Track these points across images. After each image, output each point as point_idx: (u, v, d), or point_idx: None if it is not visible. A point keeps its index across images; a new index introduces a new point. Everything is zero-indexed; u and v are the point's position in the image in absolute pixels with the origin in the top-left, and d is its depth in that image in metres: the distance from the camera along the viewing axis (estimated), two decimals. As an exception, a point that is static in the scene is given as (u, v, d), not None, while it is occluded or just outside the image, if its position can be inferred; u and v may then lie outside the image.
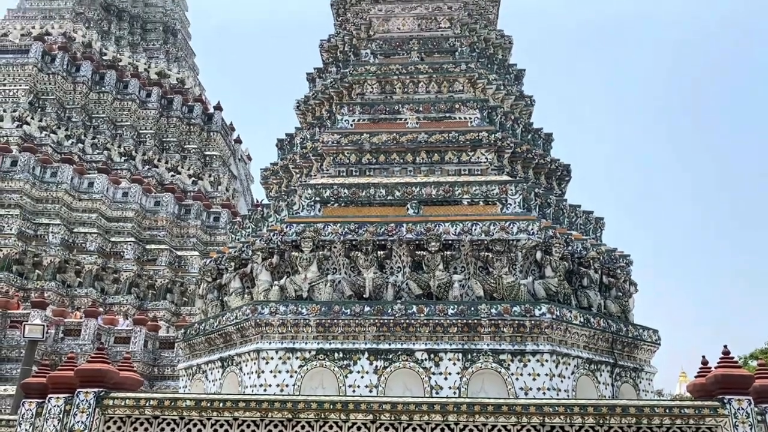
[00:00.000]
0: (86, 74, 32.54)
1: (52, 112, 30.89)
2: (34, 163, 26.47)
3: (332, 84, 14.95)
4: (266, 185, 15.14)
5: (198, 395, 7.83)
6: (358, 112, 13.46)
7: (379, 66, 14.14)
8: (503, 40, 16.17)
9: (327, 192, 11.71)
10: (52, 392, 7.82)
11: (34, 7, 36.41)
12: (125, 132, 32.68)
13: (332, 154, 12.83)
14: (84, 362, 8.56)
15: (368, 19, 15.66)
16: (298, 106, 15.87)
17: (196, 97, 36.89)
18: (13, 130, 28.48)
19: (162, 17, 39.95)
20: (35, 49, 31.39)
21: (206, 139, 35.52)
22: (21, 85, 30.70)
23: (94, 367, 7.74)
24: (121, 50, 36.65)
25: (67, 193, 26.49)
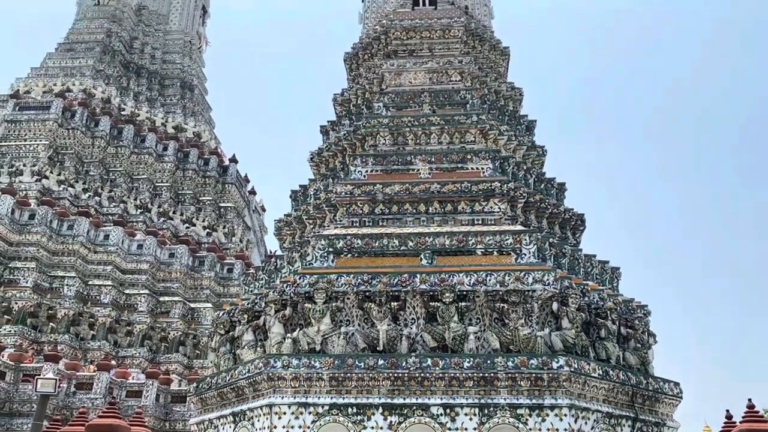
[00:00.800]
0: (105, 129, 33.26)
1: (70, 166, 31.45)
2: (52, 216, 26.81)
3: (346, 136, 15.15)
4: (280, 236, 15.19)
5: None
6: (371, 163, 13.57)
7: (392, 118, 14.33)
8: (514, 92, 16.38)
9: (340, 243, 11.70)
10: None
11: (56, 66, 37.56)
12: (141, 185, 33.13)
13: (345, 205, 12.88)
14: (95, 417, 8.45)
15: (380, 74, 15.97)
16: (312, 157, 16.05)
17: (211, 150, 37.48)
18: (32, 184, 28.97)
19: (179, 73, 41.02)
20: (56, 105, 32.22)
21: (221, 191, 35.91)
22: (41, 140, 31.40)
23: (105, 422, 7.65)
24: (140, 105, 37.53)
25: (83, 245, 26.72)
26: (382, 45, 16.95)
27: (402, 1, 17.85)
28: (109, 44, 38.84)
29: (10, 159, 30.72)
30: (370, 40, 17.39)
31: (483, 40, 17.27)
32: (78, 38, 39.34)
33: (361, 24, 18.94)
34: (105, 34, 39.05)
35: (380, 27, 17.34)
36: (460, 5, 17.79)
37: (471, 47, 16.76)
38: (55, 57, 38.43)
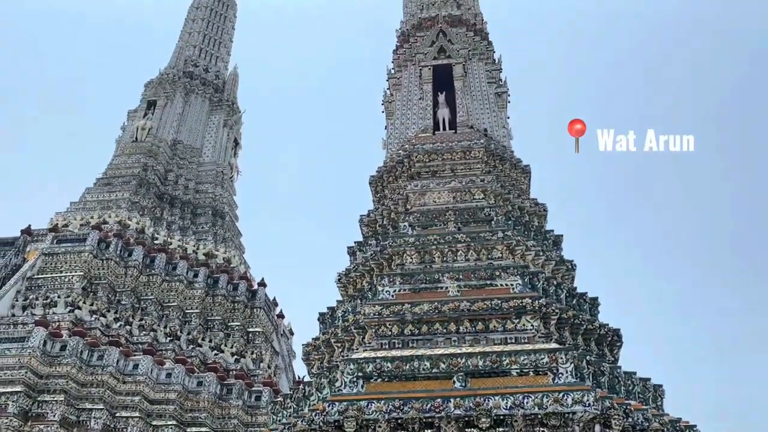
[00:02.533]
0: (138, 258, 34.00)
1: (103, 296, 31.90)
2: (83, 346, 26.85)
3: (372, 256, 15.26)
4: (308, 361, 14.93)
5: None
6: (398, 283, 13.54)
7: (418, 237, 14.47)
8: (537, 207, 16.54)
9: (370, 367, 11.43)
10: None
11: (94, 199, 39.19)
12: (171, 312, 33.29)
13: (374, 327, 12.72)
14: None
15: (405, 195, 16.33)
16: (339, 279, 16.10)
17: (241, 275, 37.87)
18: (65, 315, 29.30)
19: (211, 202, 42.43)
20: (92, 237, 33.24)
21: (249, 316, 35.83)
22: (77, 271, 32.11)
23: None
24: (172, 234, 38.55)
25: (112, 376, 26.48)
26: (406, 167, 17.47)
27: (423, 126, 18.57)
28: (144, 177, 40.66)
29: (45, 291, 31.34)
30: (394, 163, 17.95)
31: (503, 160, 17.72)
32: (115, 173, 41.31)
33: (384, 149, 19.66)
34: (141, 168, 40.98)
35: (403, 151, 17.95)
36: (479, 128, 18.44)
37: (492, 166, 17.18)
38: (93, 191, 40.21)
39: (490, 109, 19.40)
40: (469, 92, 19.31)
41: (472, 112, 18.86)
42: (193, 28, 49.19)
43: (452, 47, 19.98)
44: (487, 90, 19.96)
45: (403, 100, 19.87)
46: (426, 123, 18.45)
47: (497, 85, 20.68)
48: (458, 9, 22.77)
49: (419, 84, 19.49)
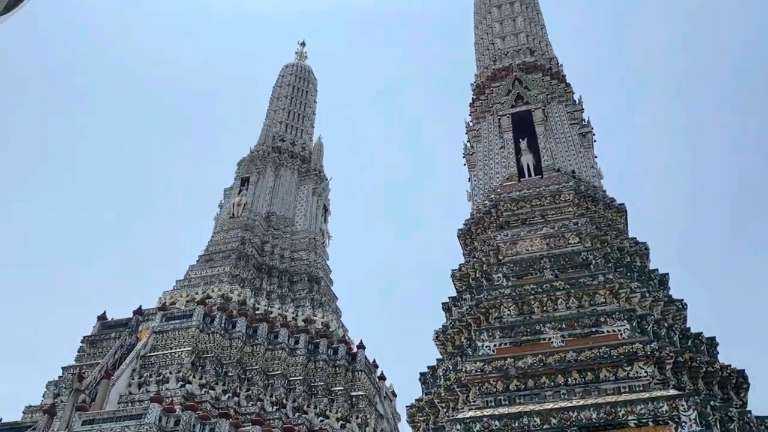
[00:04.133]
0: (241, 329, 35.04)
1: (211, 369, 32.91)
2: (195, 420, 27.62)
3: (468, 311, 14.99)
4: (413, 423, 14.65)
5: None
6: (498, 337, 13.18)
7: (514, 288, 14.11)
8: (638, 247, 15.82)
9: (477, 426, 11.07)
10: None
11: (197, 276, 41.08)
12: (276, 381, 33.81)
13: (477, 384, 12.36)
14: None
15: (495, 245, 16.07)
16: (437, 336, 15.88)
17: (340, 339, 38.14)
18: (177, 390, 30.40)
19: (306, 269, 43.44)
20: (197, 312, 34.67)
21: (351, 380, 35.81)
22: (185, 346, 33.43)
23: None
24: (272, 303, 39.60)
25: (224, 447, 26.97)
26: (494, 217, 17.26)
27: (508, 175, 18.40)
28: (243, 250, 42.35)
29: (158, 368, 32.74)
30: (481, 214, 17.79)
31: (596, 200, 17.18)
32: (216, 249, 43.30)
33: (470, 201, 19.57)
34: (239, 242, 42.77)
35: (489, 201, 17.79)
36: (566, 171, 18.06)
37: (584, 208, 16.68)
38: (196, 268, 42.22)
39: (575, 150, 19.00)
40: (551, 136, 19.04)
41: (557, 155, 18.53)
42: (278, 106, 51.82)
43: (529, 93, 19.91)
44: (570, 131, 19.62)
45: (484, 150, 19.84)
46: (510, 171, 18.29)
47: (580, 125, 20.30)
48: (532, 56, 22.77)
49: (499, 133, 19.44)
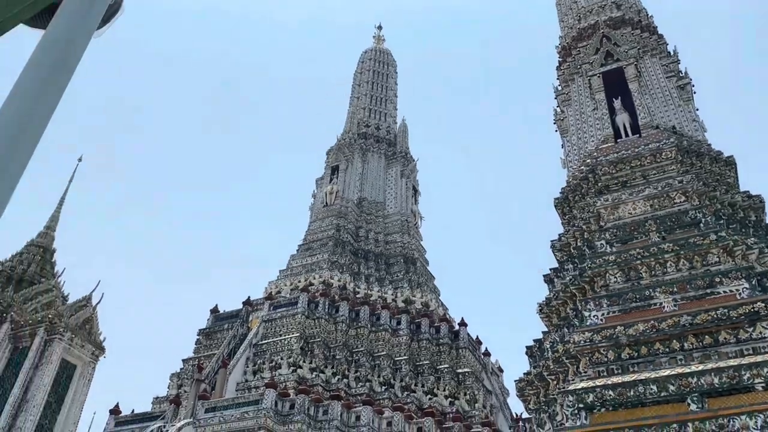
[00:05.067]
0: (344, 313, 35.96)
1: (319, 353, 34.01)
2: (308, 403, 28.70)
3: (572, 281, 14.61)
4: (523, 397, 14.51)
5: None
6: (605, 305, 12.78)
7: (618, 254, 13.61)
8: (752, 200, 14.81)
9: (590, 397, 10.81)
10: None
11: (299, 264, 42.46)
12: (382, 361, 34.48)
13: (587, 354, 12.06)
14: None
15: (595, 211, 15.53)
16: (540, 309, 15.61)
17: (441, 317, 38.33)
18: (289, 375, 31.65)
19: (401, 251, 43.85)
20: (302, 299, 35.89)
21: (456, 357, 35.95)
22: (293, 333, 34.72)
23: None
24: (371, 286, 40.33)
25: (338, 429, 27.88)
26: (591, 183, 16.68)
27: (603, 137, 17.69)
28: (339, 237, 43.31)
29: (270, 355, 34.21)
30: (578, 181, 17.23)
31: (700, 155, 16.21)
32: (313, 237, 44.53)
33: (564, 168, 18.98)
34: (335, 229, 43.78)
35: (585, 166, 17.20)
36: (666, 127, 17.14)
37: (689, 165, 15.78)
38: (296, 257, 43.63)
39: (674, 104, 17.98)
40: (647, 91, 18.10)
41: (655, 111, 17.61)
42: (360, 92, 52.29)
43: (619, 50, 18.98)
44: (666, 85, 18.57)
45: (575, 114, 19.15)
46: (605, 132, 17.56)
47: (677, 77, 19.15)
48: (618, 10, 21.66)
49: (590, 94, 18.69)
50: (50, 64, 2.26)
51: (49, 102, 2.16)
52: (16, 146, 2.03)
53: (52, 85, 2.17)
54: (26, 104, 2.13)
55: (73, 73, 2.38)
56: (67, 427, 19.02)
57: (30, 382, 18.66)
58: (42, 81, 2.22)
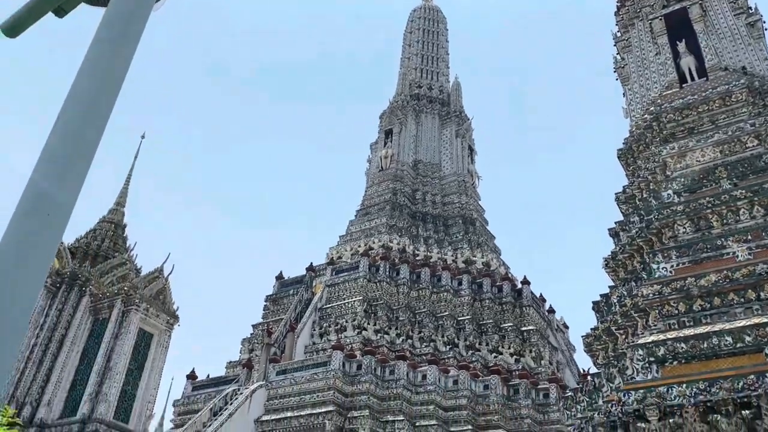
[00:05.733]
0: (405, 276, 36.26)
1: (382, 315, 34.52)
2: (375, 364, 29.28)
3: (638, 234, 14.23)
4: (591, 352, 14.37)
5: None
6: (674, 257, 12.41)
7: (687, 203, 13.13)
8: (833, 139, 13.95)
9: (661, 350, 10.60)
10: None
11: (357, 230, 42.91)
12: (445, 321, 34.72)
13: (656, 307, 11.79)
14: None
15: (661, 160, 14.98)
16: (606, 263, 15.29)
17: (502, 276, 38.14)
18: (355, 337, 32.31)
19: (459, 211, 43.63)
20: (363, 263, 36.36)
21: (519, 315, 35.83)
22: (356, 296, 35.31)
23: None
24: (430, 248, 40.42)
25: (405, 388, 28.39)
26: (656, 131, 16.05)
27: (667, 83, 16.93)
28: (396, 201, 43.41)
29: (334, 318, 34.96)
30: (641, 130, 16.62)
31: (774, 95, 15.31)
32: (370, 202, 44.80)
33: (627, 118, 18.32)
34: (391, 193, 43.88)
35: (649, 114, 16.54)
36: (735, 68, 16.24)
37: (761, 107, 14.95)
38: (355, 223, 44.07)
39: (743, 43, 16.97)
40: (713, 32, 17.15)
41: (722, 52, 16.69)
42: (410, 52, 51.56)
43: (682, -11, 17.99)
44: (734, 23, 17.53)
45: (636, 60, 18.36)
46: (669, 78, 16.79)
47: (746, 14, 18.03)
48: (680, -54, 20.43)
49: (652, 39, 17.85)
50: (114, 39, 2.30)
51: (116, 75, 2.21)
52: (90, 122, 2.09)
53: (118, 58, 2.22)
54: (95, 79, 2.18)
55: (137, 45, 2.42)
56: (149, 392, 20.05)
57: (111, 351, 19.69)
58: (108, 56, 2.26)
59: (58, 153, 1.95)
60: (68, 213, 1.90)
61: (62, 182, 1.92)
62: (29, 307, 1.83)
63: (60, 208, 1.89)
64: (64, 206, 1.88)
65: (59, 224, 1.88)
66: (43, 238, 1.81)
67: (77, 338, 20.12)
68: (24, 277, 1.79)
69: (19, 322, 1.79)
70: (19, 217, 1.84)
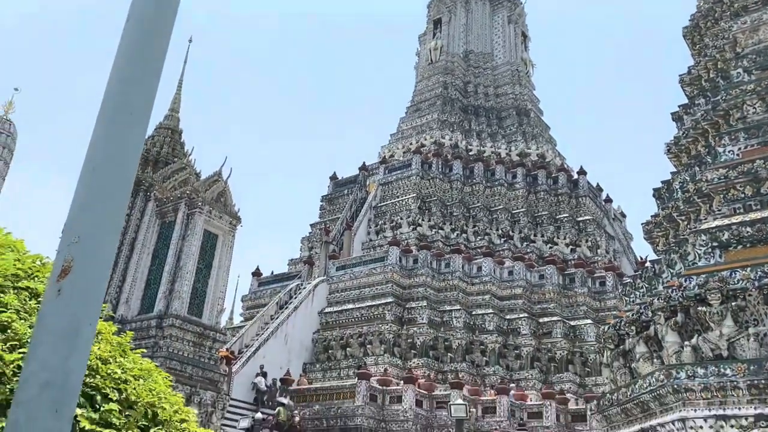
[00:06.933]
0: (458, 171, 36.15)
1: (436, 211, 34.84)
2: (431, 258, 29.92)
3: (704, 116, 13.62)
4: (651, 239, 14.24)
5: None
6: (742, 139, 11.88)
7: (758, 81, 12.39)
8: None
9: (725, 234, 10.41)
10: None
11: (408, 127, 42.52)
12: (500, 215, 34.83)
13: (721, 192, 11.47)
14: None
15: (731, 37, 14.03)
16: (669, 149, 14.81)
17: (558, 168, 37.56)
18: (410, 233, 32.89)
19: (513, 102, 42.48)
20: (415, 161, 36.32)
21: (575, 206, 35.53)
22: (409, 194, 35.59)
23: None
24: (483, 142, 39.88)
25: (461, 279, 29.07)
26: (726, 5, 14.93)
27: (740, -50, 15.53)
28: (447, 95, 42.49)
29: (389, 216, 35.51)
30: (710, 4, 15.50)
31: None
32: (421, 98, 44.00)
33: (694, -8, 17.04)
34: (442, 87, 42.88)
35: (719, -13, 15.34)
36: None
37: None
38: (406, 120, 43.59)
39: None
40: None
41: None
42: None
43: None
44: None
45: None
46: (743, -56, 15.36)
47: None
48: None
49: None
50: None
51: None
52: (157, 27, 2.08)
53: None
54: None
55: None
56: (218, 289, 21.17)
57: (180, 251, 20.69)
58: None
59: (133, 54, 1.98)
60: (149, 108, 1.97)
61: (139, 81, 1.96)
62: (123, 204, 1.94)
63: (140, 105, 1.95)
64: (145, 101, 1.94)
65: (142, 121, 1.94)
66: (130, 133, 1.88)
67: (147, 241, 21.18)
68: (117, 175, 1.88)
69: (116, 218, 1.90)
70: (104, 116, 1.91)
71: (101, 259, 1.84)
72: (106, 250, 1.88)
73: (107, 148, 1.87)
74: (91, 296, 1.80)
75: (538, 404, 21.94)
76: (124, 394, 3.30)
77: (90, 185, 1.86)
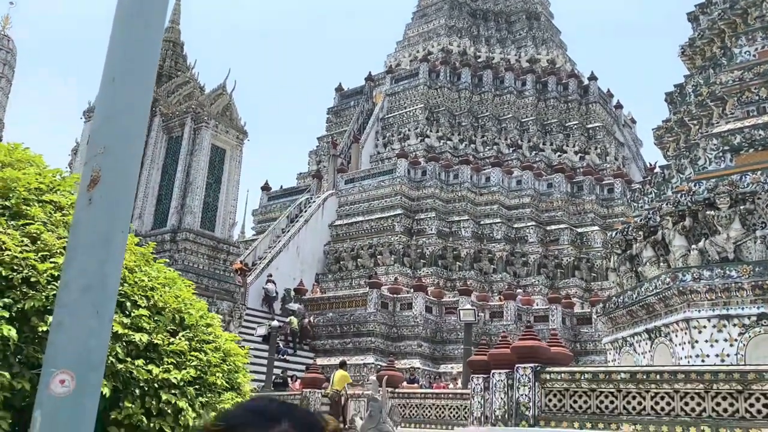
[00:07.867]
0: (466, 80, 35.44)
1: (444, 122, 34.47)
2: (439, 169, 29.91)
3: (720, 16, 13.19)
4: (661, 145, 14.16)
5: (632, 368, 7.73)
6: (760, 39, 11.56)
7: (780, -22, 11.91)
8: None
9: (737, 138, 10.34)
10: (494, 368, 8.68)
11: (415, 34, 41.33)
12: (508, 124, 34.45)
13: (735, 94, 11.28)
14: (516, 340, 9.28)
15: (754, -71, 13.34)
16: (683, 51, 14.45)
17: (568, 74, 36.75)
18: (418, 145, 32.71)
19: (523, 5, 41.03)
20: (422, 70, 35.56)
21: (585, 113, 35.04)
22: (417, 104, 35.09)
23: (528, 344, 8.32)
24: (492, 48, 38.86)
25: (469, 190, 29.17)
26: None
27: None
28: (454, -1, 40.97)
29: (397, 127, 35.20)
30: None
31: None
32: (427, 2, 42.50)
33: None
34: (449, -9, 41.28)
35: None
36: None
37: None
38: (412, 26, 42.32)
39: None
40: None
41: None
42: None
43: None
44: None
45: None
46: None
47: None
48: None
49: None
50: None
51: None
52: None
53: None
54: None
55: None
56: (229, 203, 21.40)
57: (189, 166, 20.76)
58: None
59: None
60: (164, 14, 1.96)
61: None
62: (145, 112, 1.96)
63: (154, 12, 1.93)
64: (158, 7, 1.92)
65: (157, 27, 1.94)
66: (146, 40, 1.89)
67: (155, 156, 21.22)
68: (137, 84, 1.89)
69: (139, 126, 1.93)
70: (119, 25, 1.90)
71: (127, 168, 1.89)
72: (132, 158, 1.93)
73: (125, 58, 1.88)
74: (120, 204, 1.86)
75: (545, 308, 22.57)
76: (152, 301, 3.45)
77: (111, 96, 1.88)
